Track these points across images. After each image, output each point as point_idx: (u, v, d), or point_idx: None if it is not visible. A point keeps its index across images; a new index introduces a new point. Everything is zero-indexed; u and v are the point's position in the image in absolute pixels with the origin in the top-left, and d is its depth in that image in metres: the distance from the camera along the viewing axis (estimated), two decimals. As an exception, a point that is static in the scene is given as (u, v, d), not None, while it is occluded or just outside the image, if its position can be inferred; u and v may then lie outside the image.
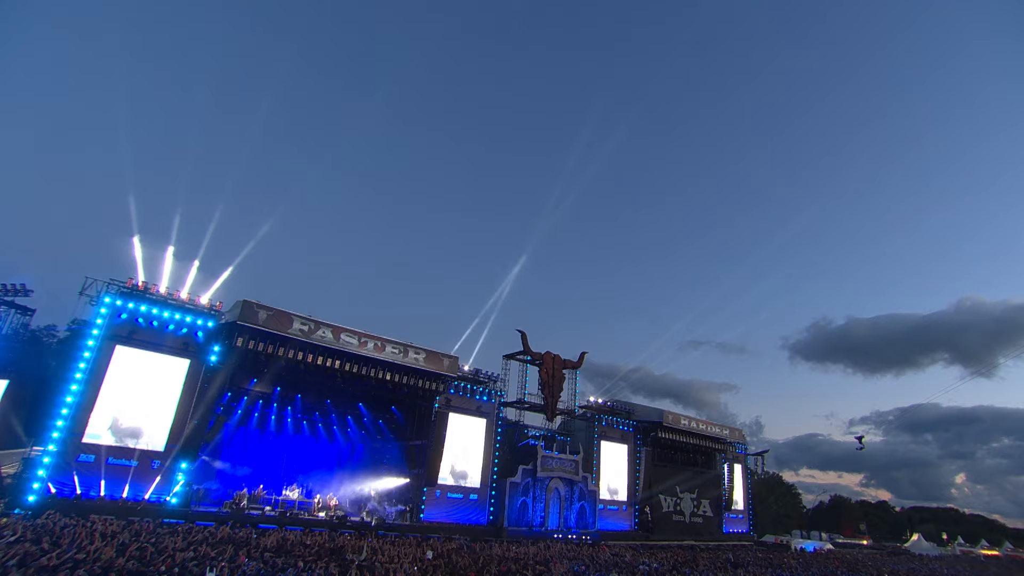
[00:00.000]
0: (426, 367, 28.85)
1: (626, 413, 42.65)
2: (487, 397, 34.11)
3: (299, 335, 25.19)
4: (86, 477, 21.44)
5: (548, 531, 33.26)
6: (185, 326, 24.48)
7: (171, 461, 22.94)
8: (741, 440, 51.88)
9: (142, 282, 24.25)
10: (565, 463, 36.17)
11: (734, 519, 49.67)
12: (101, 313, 23.03)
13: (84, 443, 21.79)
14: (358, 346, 26.80)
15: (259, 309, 24.47)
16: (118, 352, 23.09)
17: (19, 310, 25.32)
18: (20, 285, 24.30)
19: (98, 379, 22.47)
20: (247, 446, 30.20)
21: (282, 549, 15.66)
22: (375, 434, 32.84)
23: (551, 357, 37.39)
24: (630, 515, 40.82)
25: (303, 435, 32.61)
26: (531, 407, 37.26)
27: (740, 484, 51.30)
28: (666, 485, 43.85)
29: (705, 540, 42.28)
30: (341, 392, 29.74)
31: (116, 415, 22.54)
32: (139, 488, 22.14)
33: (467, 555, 18.31)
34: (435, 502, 30.21)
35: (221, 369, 24.78)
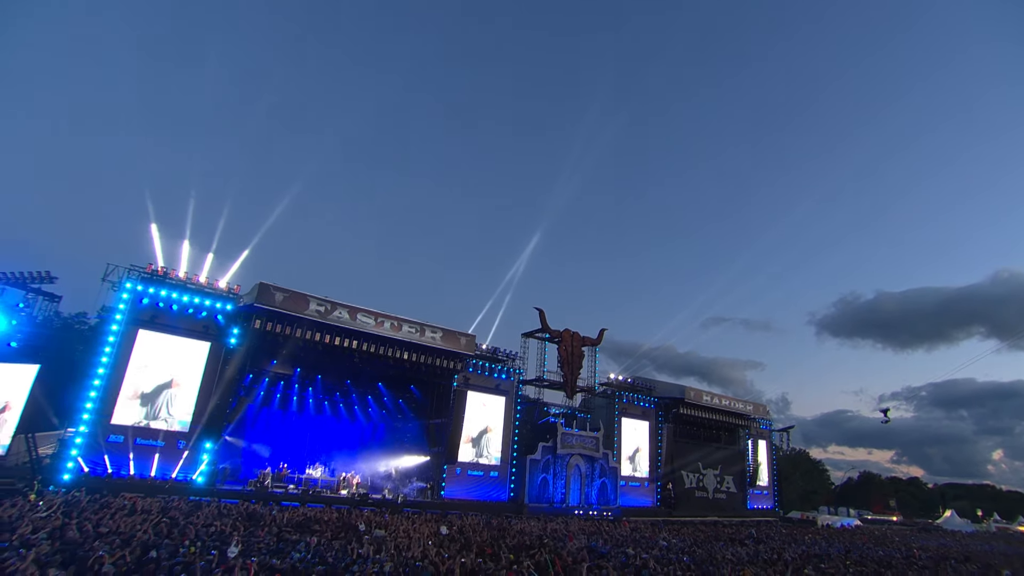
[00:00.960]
0: (443, 346, 28.92)
1: (647, 390, 42.36)
2: (506, 375, 34.14)
3: (316, 316, 25.40)
4: (116, 457, 22.12)
5: (569, 507, 33.39)
6: (204, 309, 24.86)
7: (196, 441, 23.50)
8: (765, 416, 51.25)
9: (161, 267, 24.64)
10: (585, 440, 36.14)
11: (758, 495, 49.31)
12: (123, 299, 23.52)
13: (113, 424, 22.45)
14: (375, 326, 26.93)
15: (276, 291, 24.69)
16: (141, 336, 23.62)
17: (46, 297, 25.91)
18: (44, 272, 24.80)
19: (123, 362, 23.05)
20: (270, 426, 30.79)
21: (301, 525, 15.89)
22: (395, 413, 33.16)
23: (570, 334, 37.18)
24: (652, 491, 40.76)
25: (325, 415, 33.10)
26: (550, 385, 37.25)
27: (765, 460, 50.82)
28: (688, 461, 43.62)
29: (729, 516, 42.07)
30: (360, 372, 30.03)
31: (142, 397, 23.13)
32: (166, 467, 22.75)
33: (483, 530, 18.39)
34: (455, 479, 30.51)
35: (241, 351, 25.15)
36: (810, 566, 18.66)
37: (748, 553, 20.50)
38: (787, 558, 20.49)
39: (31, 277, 24.99)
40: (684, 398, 41.81)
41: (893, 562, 21.35)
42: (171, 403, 23.57)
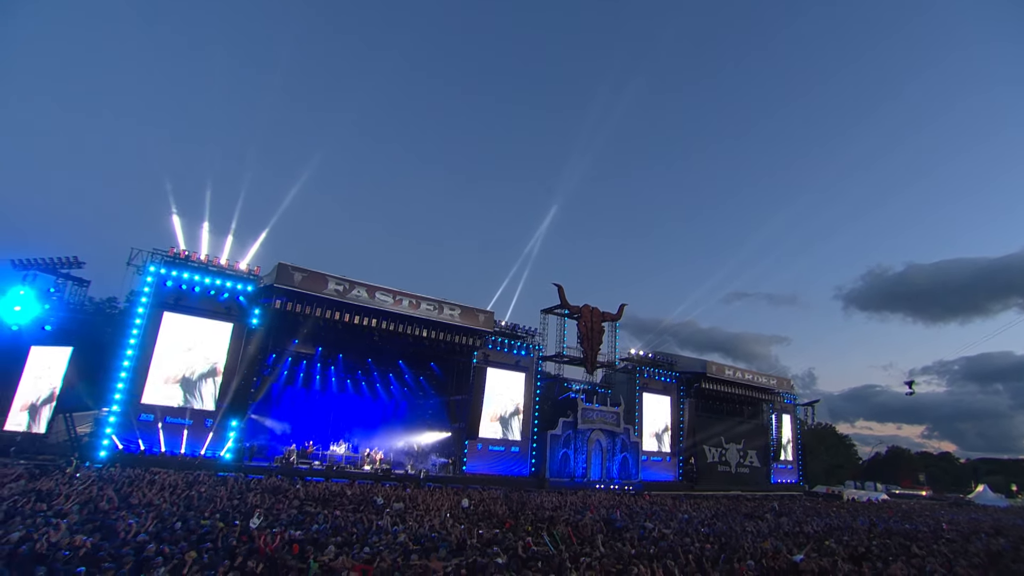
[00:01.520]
0: (461, 323, 29.04)
1: (668, 364, 42.10)
2: (525, 352, 34.20)
3: (334, 295, 25.66)
4: (147, 435, 22.87)
5: (590, 482, 33.61)
6: (226, 291, 25.31)
7: (222, 419, 24.15)
8: (790, 390, 50.62)
9: (183, 250, 25.10)
10: (606, 415, 36.17)
11: (782, 469, 48.98)
12: (148, 282, 24.09)
13: (143, 404, 23.21)
14: (393, 304, 27.14)
15: (294, 271, 24.97)
16: (167, 318, 24.21)
17: (75, 281, 26.70)
18: (73, 258, 25.53)
19: (150, 344, 23.71)
20: (295, 405, 31.44)
21: (323, 499, 16.24)
22: (416, 390, 33.55)
23: (589, 310, 36.99)
24: (674, 466, 40.77)
25: (347, 393, 33.66)
26: (570, 361, 37.24)
27: (789, 434, 50.34)
28: (711, 436, 43.43)
29: (752, 490, 41.89)
30: (380, 350, 30.40)
31: (169, 377, 23.80)
32: (195, 445, 23.45)
33: (504, 503, 18.59)
34: (477, 454, 30.89)
35: (263, 331, 25.62)
36: (832, 539, 18.51)
37: (769, 526, 20.40)
38: (809, 531, 20.35)
39: (60, 263, 25.73)
40: (706, 372, 41.48)
41: (920, 535, 21.01)
42: (197, 383, 24.21)
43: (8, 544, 8.03)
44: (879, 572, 12.63)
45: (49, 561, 7.59)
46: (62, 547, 8.21)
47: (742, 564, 12.02)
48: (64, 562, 7.65)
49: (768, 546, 14.95)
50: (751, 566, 11.82)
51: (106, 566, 7.57)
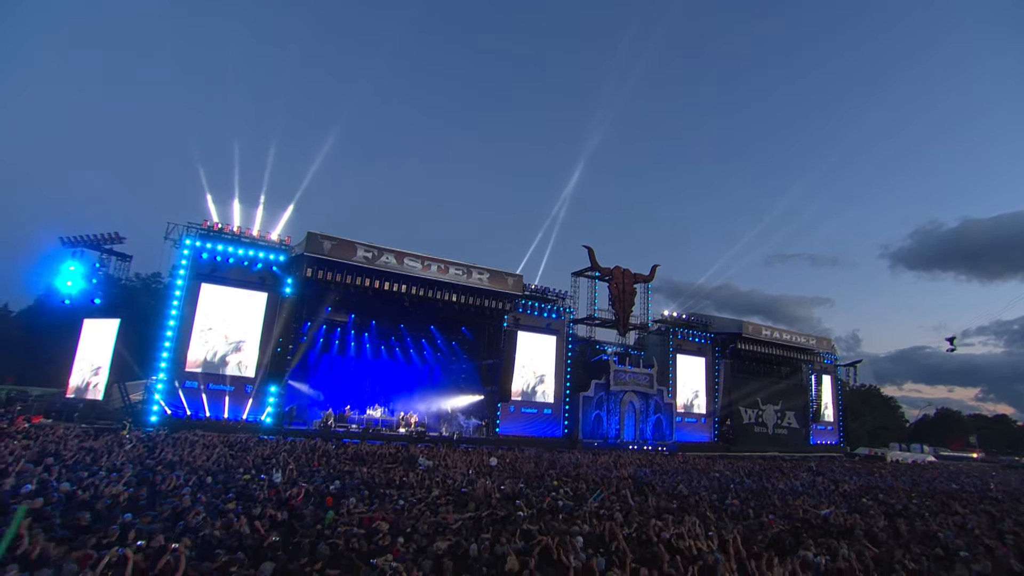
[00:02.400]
0: (490, 287, 29.12)
1: (703, 326, 41.45)
2: (556, 315, 34.16)
3: (363, 262, 26.00)
4: (192, 401, 23.98)
5: (623, 443, 33.73)
6: (260, 261, 25.94)
7: (261, 385, 25.09)
8: (830, 350, 49.31)
9: (216, 223, 25.71)
10: (639, 377, 36.03)
11: (822, 431, 48.10)
12: (184, 255, 24.88)
13: (187, 371, 24.28)
14: (422, 269, 27.36)
15: (323, 240, 25.35)
16: (204, 289, 25.05)
17: (119, 257, 27.78)
18: (114, 233, 26.52)
19: (190, 315, 24.63)
20: (331, 371, 32.37)
21: (356, 457, 16.76)
22: (449, 355, 34.04)
23: (621, 271, 36.51)
24: (709, 427, 40.52)
25: (382, 359, 34.43)
26: (602, 323, 37.03)
27: (829, 395, 49.23)
28: (747, 397, 42.84)
29: (790, 451, 41.33)
30: (412, 316, 30.82)
31: (209, 346, 24.78)
32: (236, 410, 24.49)
33: (533, 461, 18.84)
34: (510, 417, 31.32)
35: (296, 299, 26.27)
36: (869, 497, 18.15)
37: (803, 484, 20.14)
38: (845, 489, 20.00)
39: (103, 239, 26.75)
40: (742, 333, 40.67)
41: (964, 495, 20.39)
42: (236, 351, 25.14)
43: (60, 493, 8.63)
44: (915, 528, 12.34)
45: (95, 508, 8.09)
46: (107, 496, 8.74)
47: (770, 519, 11.91)
48: (108, 509, 8.13)
49: (799, 503, 14.77)
50: (778, 520, 11.69)
51: (146, 513, 8.02)
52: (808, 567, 8.03)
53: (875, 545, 9.94)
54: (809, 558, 8.53)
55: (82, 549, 6.05)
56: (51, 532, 6.60)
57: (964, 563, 8.97)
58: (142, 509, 8.31)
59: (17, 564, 5.51)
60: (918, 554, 9.25)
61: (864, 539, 10.59)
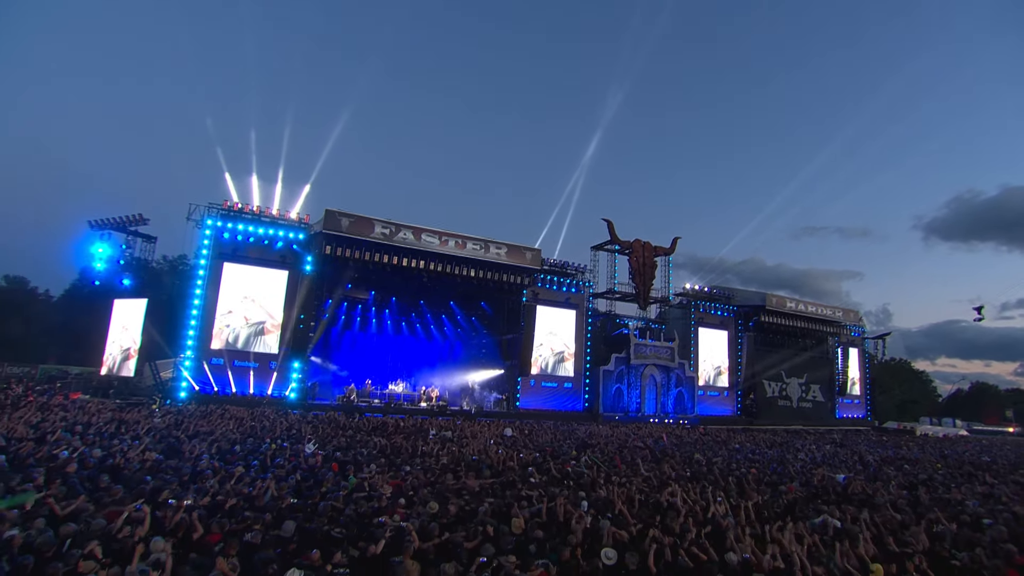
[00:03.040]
0: (508, 261, 29.11)
1: (725, 298, 40.89)
2: (575, 288, 34.05)
3: (381, 238, 26.18)
4: (218, 377, 24.67)
5: (644, 416, 33.74)
6: (280, 240, 26.30)
7: (285, 361, 25.66)
8: (857, 322, 48.26)
9: (236, 203, 26.06)
10: (660, 350, 35.84)
11: (848, 404, 47.34)
12: (206, 235, 25.33)
13: (212, 349, 24.94)
14: (439, 245, 27.44)
15: (341, 217, 25.56)
16: (227, 268, 25.54)
17: (144, 238, 28.43)
18: (138, 215, 27.13)
19: (214, 294, 25.18)
20: (354, 347, 32.90)
21: (376, 429, 17.08)
22: (469, 330, 34.28)
23: (641, 244, 36.10)
24: (732, 400, 40.24)
25: (403, 335, 34.86)
26: (622, 297, 36.77)
27: (856, 368, 48.31)
28: (771, 370, 42.25)
29: (815, 425, 40.82)
30: (431, 292, 31.07)
31: (233, 324, 25.36)
32: (261, 386, 25.13)
33: (550, 432, 18.97)
34: (530, 391, 31.52)
35: (316, 277, 26.63)
36: (893, 467, 17.86)
37: (825, 455, 19.90)
38: (869, 460, 19.72)
39: (129, 221, 27.37)
40: (765, 305, 40.02)
41: (995, 467, 19.91)
42: (259, 328, 25.68)
43: (91, 458, 9.05)
44: (938, 497, 12.13)
45: (122, 472, 8.45)
46: (134, 462, 9.11)
47: (790, 486, 11.83)
48: (133, 473, 8.49)
49: (819, 471, 14.62)
50: (797, 487, 11.61)
51: (168, 477, 8.34)
52: (822, 531, 7.97)
53: (894, 511, 9.81)
54: (827, 522, 8.48)
55: (107, 508, 6.34)
56: (82, 493, 6.98)
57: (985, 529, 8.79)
58: (166, 473, 8.64)
59: (44, 519, 5.80)
60: (935, 520, 9.09)
61: (882, 506, 10.45)
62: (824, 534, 7.81)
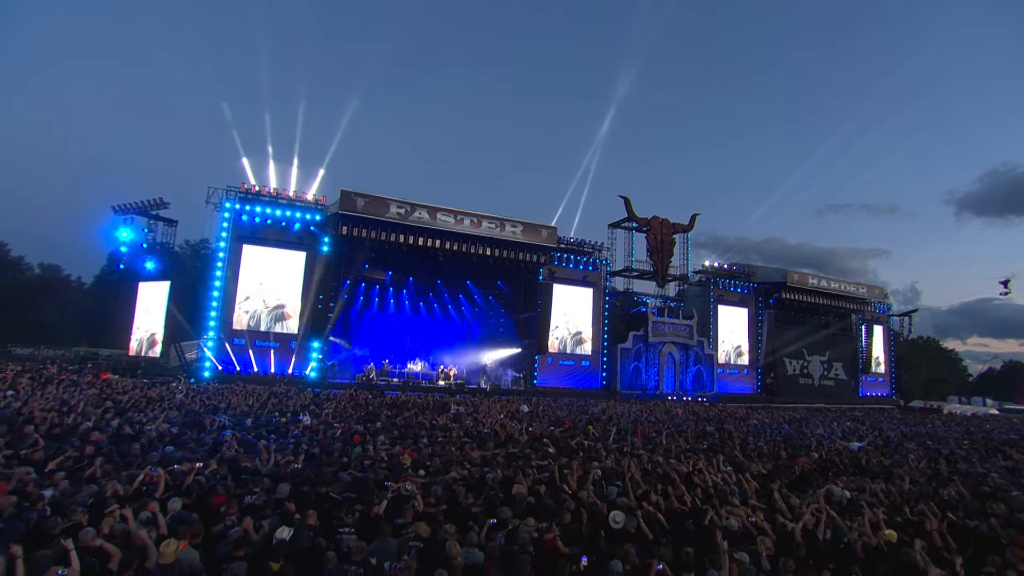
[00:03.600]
0: (524, 239, 29.00)
1: (745, 275, 40.29)
2: (592, 266, 33.86)
3: (396, 218, 26.26)
4: (240, 357, 25.20)
5: (663, 394, 33.65)
6: (297, 221, 26.56)
7: (304, 341, 26.08)
8: (882, 299, 47.19)
9: (253, 185, 26.33)
10: (678, 328, 35.59)
11: (872, 382, 46.56)
12: (225, 218, 25.69)
13: (234, 330, 25.44)
14: (455, 224, 27.44)
15: (356, 197, 25.68)
16: (246, 250, 25.94)
17: (165, 222, 28.97)
18: (159, 199, 27.61)
19: (234, 275, 25.62)
20: (373, 327, 33.26)
21: (394, 405, 17.32)
22: (487, 309, 34.39)
23: (659, 221, 35.68)
24: (752, 378, 39.87)
25: (421, 315, 35.12)
26: (640, 275, 36.46)
27: (881, 346, 47.42)
28: (792, 348, 41.66)
29: (836, 403, 40.30)
30: (448, 272, 31.18)
31: (254, 305, 25.82)
32: (282, 365, 25.62)
33: (565, 408, 19.04)
34: (548, 369, 31.63)
35: (334, 258, 26.88)
36: (914, 442, 17.57)
37: (844, 430, 19.66)
38: (889, 435, 19.43)
39: (150, 205, 27.89)
40: (786, 282, 39.33)
41: (1023, 444, 19.45)
42: (279, 309, 26.12)
43: (112, 428, 9.40)
44: (958, 470, 11.92)
45: (142, 441, 8.74)
46: (154, 432, 9.43)
47: (798, 459, 11.73)
48: (152, 442, 8.78)
49: (835, 446, 14.46)
50: (808, 459, 11.51)
51: (189, 446, 8.61)
52: (831, 500, 7.90)
53: (910, 483, 9.67)
54: (834, 491, 8.40)
55: (127, 471, 6.59)
56: (107, 460, 7.28)
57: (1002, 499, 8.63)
58: (184, 443, 8.92)
59: (67, 478, 6.07)
60: (952, 490, 8.96)
61: (898, 477, 10.32)
62: (832, 503, 7.75)
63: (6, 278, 48.40)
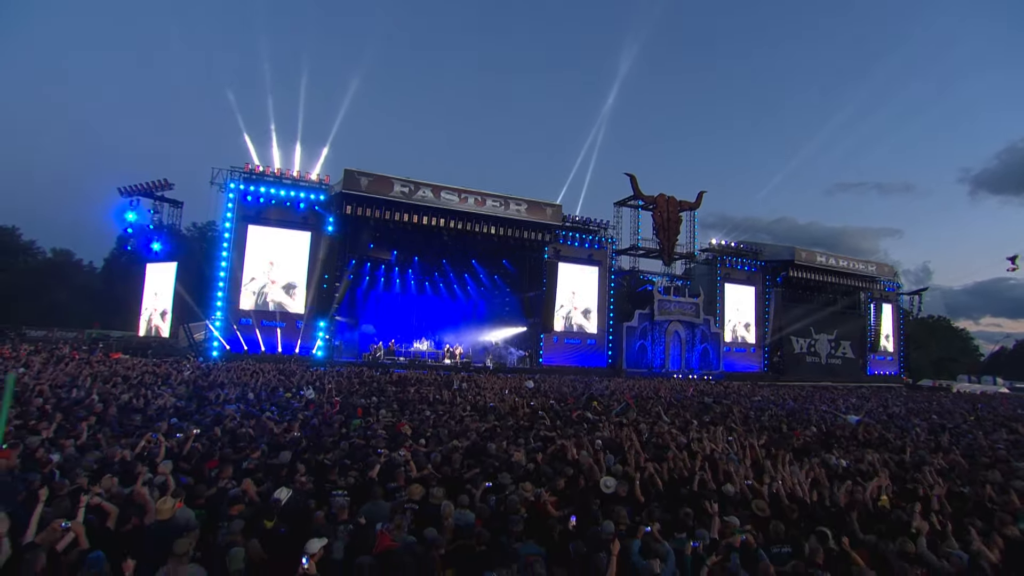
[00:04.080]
0: (529, 218, 28.89)
1: (753, 253, 39.96)
2: (598, 245, 33.72)
3: (400, 197, 26.20)
4: (247, 337, 25.44)
5: (669, 372, 33.70)
6: (301, 201, 26.59)
7: (310, 321, 26.25)
8: (892, 277, 46.70)
9: (257, 166, 26.30)
10: (685, 306, 35.48)
11: (880, 361, 46.32)
12: (230, 198, 25.71)
13: (241, 310, 25.63)
14: (459, 202, 27.35)
15: (360, 176, 25.62)
16: (251, 231, 26.01)
17: (171, 203, 29.07)
18: (163, 180, 27.68)
19: (240, 256, 25.71)
20: (379, 307, 33.40)
21: (399, 381, 17.49)
22: (492, 289, 34.43)
23: (665, 199, 35.36)
24: (759, 357, 39.77)
25: (427, 295, 35.24)
26: (646, 253, 36.24)
27: (890, 324, 47.05)
28: (799, 326, 41.40)
29: (844, 381, 40.14)
30: (453, 251, 31.14)
31: (260, 285, 25.99)
32: (288, 344, 25.84)
33: (569, 385, 19.13)
34: (553, 347, 31.72)
35: (339, 238, 26.94)
36: (919, 417, 17.55)
37: (849, 406, 19.65)
38: (895, 411, 19.42)
39: (155, 186, 27.97)
40: (794, 260, 38.97)
41: (1031, 418, 19.34)
42: (285, 288, 26.27)
43: (120, 401, 9.58)
44: (960, 442, 11.91)
45: (147, 413, 8.91)
46: (159, 405, 9.59)
47: (795, 431, 11.76)
48: (157, 413, 8.95)
49: (837, 420, 14.47)
50: (807, 432, 11.54)
51: (193, 418, 8.77)
52: (827, 468, 7.94)
53: (909, 454, 9.68)
54: (830, 460, 8.44)
55: (126, 439, 6.73)
56: (112, 430, 7.46)
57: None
58: (188, 415, 9.08)
59: (75, 446, 6.21)
60: (950, 458, 8.97)
61: (898, 448, 10.34)
62: (829, 471, 7.81)
63: (18, 262, 49.08)
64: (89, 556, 3.59)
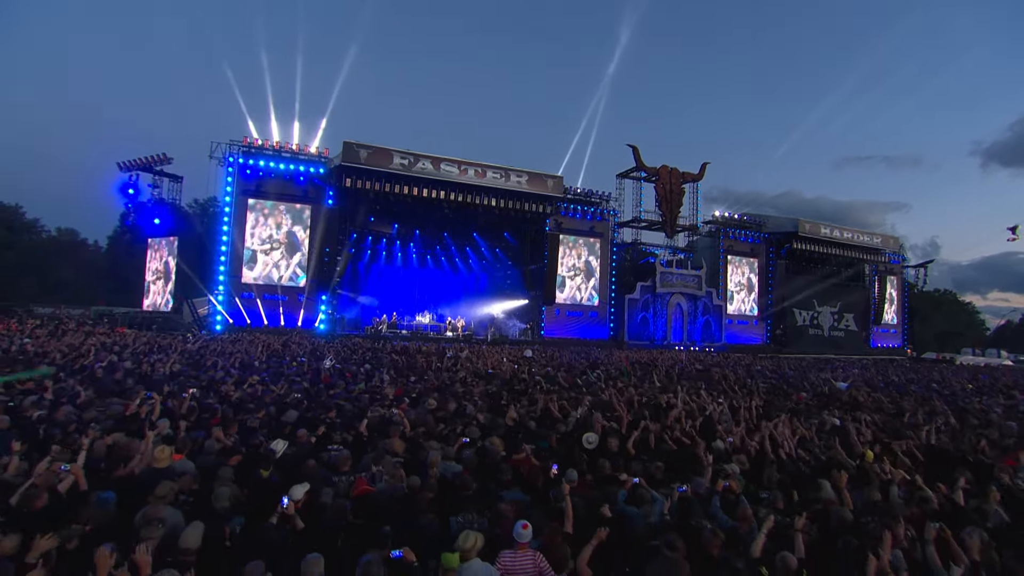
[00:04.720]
0: (529, 189, 28.71)
1: (756, 225, 39.68)
2: (600, 217, 33.57)
3: (400, 169, 26.05)
4: (250, 311, 25.63)
5: (670, 344, 33.81)
6: (301, 174, 26.51)
7: (312, 294, 26.41)
8: (896, 249, 46.34)
9: (256, 139, 26.15)
10: (687, 278, 35.43)
11: (884, 333, 46.24)
12: (229, 172, 25.64)
13: (243, 283, 25.77)
14: (459, 174, 27.18)
15: (360, 148, 25.45)
16: (251, 204, 26.01)
17: (171, 178, 28.97)
18: (162, 154, 27.54)
19: (241, 230, 25.78)
20: (381, 280, 33.41)
21: (399, 351, 17.64)
22: (494, 261, 34.42)
23: (667, 171, 34.99)
24: (761, 329, 39.81)
25: (429, 268, 35.26)
26: (649, 225, 36.02)
27: (894, 297, 46.86)
28: (802, 298, 41.26)
29: (847, 354, 40.14)
30: (454, 224, 31.06)
31: (261, 258, 26.08)
32: (291, 318, 26.04)
33: (568, 354, 19.25)
34: (555, 320, 31.84)
35: (339, 211, 26.91)
36: (918, 385, 17.60)
37: (846, 375, 19.71)
38: (893, 379, 19.47)
39: (153, 160, 27.87)
40: (798, 231, 38.67)
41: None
42: (286, 262, 26.35)
43: (124, 368, 9.74)
44: (956, 406, 11.98)
45: (147, 378, 9.06)
46: (159, 371, 9.73)
47: (798, 395, 11.85)
48: (157, 378, 9.09)
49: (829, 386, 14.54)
50: (805, 396, 11.63)
51: (189, 383, 8.90)
52: (823, 428, 8.04)
53: (899, 417, 9.78)
54: (824, 419, 8.52)
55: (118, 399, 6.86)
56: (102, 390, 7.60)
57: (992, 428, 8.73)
58: (187, 379, 9.22)
59: (71, 406, 6.34)
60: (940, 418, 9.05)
61: (887, 411, 10.43)
62: (821, 429, 7.90)
63: (23, 240, 49.38)
64: (99, 495, 3.72)
